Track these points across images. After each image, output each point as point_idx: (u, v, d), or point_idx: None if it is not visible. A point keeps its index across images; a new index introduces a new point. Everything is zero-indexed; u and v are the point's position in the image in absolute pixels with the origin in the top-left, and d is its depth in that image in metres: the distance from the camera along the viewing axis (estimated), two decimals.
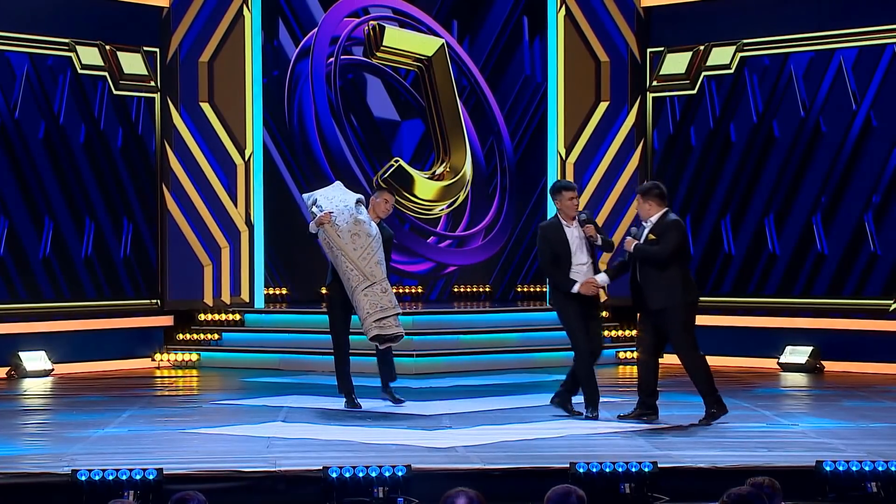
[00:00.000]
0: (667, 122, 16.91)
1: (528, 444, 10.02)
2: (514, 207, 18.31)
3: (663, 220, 10.97)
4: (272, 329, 16.39)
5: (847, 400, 12.90)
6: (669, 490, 8.65)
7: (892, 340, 15.02)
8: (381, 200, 12.28)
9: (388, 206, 12.34)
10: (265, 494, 8.63)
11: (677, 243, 10.91)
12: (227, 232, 16.58)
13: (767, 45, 16.08)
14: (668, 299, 10.84)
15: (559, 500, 5.62)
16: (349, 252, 11.85)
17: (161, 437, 10.46)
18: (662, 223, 10.96)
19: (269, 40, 17.35)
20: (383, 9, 18.02)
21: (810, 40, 15.73)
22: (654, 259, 10.87)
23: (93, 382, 14.52)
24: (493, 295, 18.29)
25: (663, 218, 10.99)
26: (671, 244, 10.86)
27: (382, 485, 8.49)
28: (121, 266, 16.11)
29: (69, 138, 15.70)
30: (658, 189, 11.09)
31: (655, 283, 10.88)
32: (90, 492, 8.34)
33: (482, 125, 18.35)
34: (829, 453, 9.16)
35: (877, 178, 15.32)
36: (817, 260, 15.69)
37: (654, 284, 10.89)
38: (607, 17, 17.02)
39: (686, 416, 11.50)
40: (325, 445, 9.93)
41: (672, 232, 10.90)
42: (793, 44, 15.87)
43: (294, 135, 17.58)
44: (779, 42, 15.99)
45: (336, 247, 11.93)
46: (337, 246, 11.92)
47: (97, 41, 15.93)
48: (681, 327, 10.90)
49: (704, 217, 16.52)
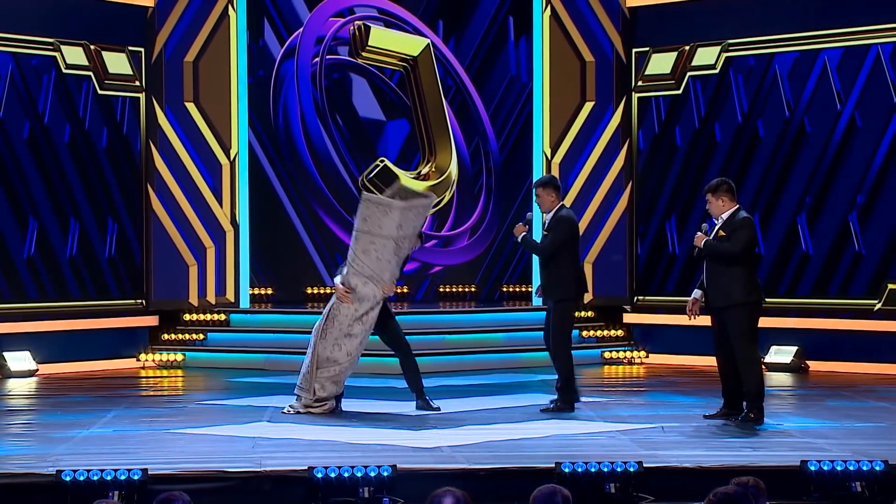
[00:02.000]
0: (652, 122, 16.92)
1: (514, 444, 10.03)
2: (499, 207, 18.31)
3: (734, 217, 10.94)
4: (257, 329, 16.37)
5: (832, 400, 12.92)
6: (655, 490, 8.66)
7: (876, 340, 15.05)
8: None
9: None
10: (250, 495, 8.62)
11: (748, 241, 10.89)
12: (212, 232, 16.56)
13: (752, 45, 16.10)
14: (730, 298, 10.82)
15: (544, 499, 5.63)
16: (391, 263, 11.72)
17: (146, 438, 10.45)
18: (734, 220, 10.93)
19: (255, 40, 17.33)
20: (369, 9, 18.01)
21: (795, 40, 15.76)
22: (724, 256, 10.84)
23: (78, 383, 14.49)
24: (478, 295, 18.29)
25: (734, 215, 10.96)
26: (742, 242, 10.83)
27: (368, 485, 8.49)
28: (105, 266, 16.08)
29: (54, 138, 15.67)
30: (727, 184, 11.06)
31: (720, 281, 10.86)
32: (75, 492, 8.33)
33: (468, 125, 18.35)
34: (813, 453, 9.18)
35: (861, 178, 15.35)
36: (802, 260, 15.72)
37: (718, 283, 10.87)
38: (593, 18, 17.03)
39: (672, 415, 11.52)
40: (310, 445, 9.92)
41: (744, 230, 10.87)
42: (778, 44, 15.90)
43: (279, 135, 17.57)
44: (764, 42, 16.01)
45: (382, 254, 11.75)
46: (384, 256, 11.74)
47: (82, 41, 15.90)
48: (741, 327, 10.84)
49: (689, 217, 16.53)
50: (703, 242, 10.93)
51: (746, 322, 10.86)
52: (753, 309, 10.95)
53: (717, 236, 10.93)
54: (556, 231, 11.61)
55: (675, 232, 16.69)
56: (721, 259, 10.86)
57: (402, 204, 11.67)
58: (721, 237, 10.91)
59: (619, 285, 17.04)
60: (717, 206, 11.01)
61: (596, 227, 16.95)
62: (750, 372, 10.90)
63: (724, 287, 10.84)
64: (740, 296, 10.81)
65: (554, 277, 11.66)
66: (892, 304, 15.07)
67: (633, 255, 17.04)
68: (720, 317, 10.94)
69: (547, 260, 11.69)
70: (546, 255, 11.61)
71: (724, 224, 10.96)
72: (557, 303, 11.68)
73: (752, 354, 10.94)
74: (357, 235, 11.71)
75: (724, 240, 10.88)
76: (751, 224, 10.99)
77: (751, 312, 10.91)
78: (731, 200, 11.01)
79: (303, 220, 17.71)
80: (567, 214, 11.76)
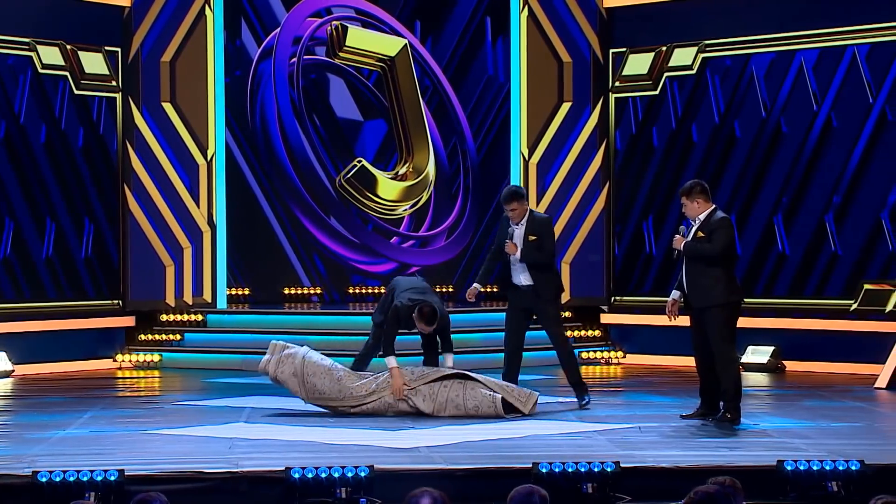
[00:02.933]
0: (629, 122, 16.95)
1: (491, 444, 10.03)
2: (476, 207, 18.32)
3: (711, 218, 10.96)
4: (234, 329, 16.34)
5: (808, 400, 12.96)
6: (632, 490, 8.67)
7: (852, 340, 15.09)
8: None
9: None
10: (227, 495, 8.61)
11: (727, 241, 10.91)
12: (189, 232, 16.53)
13: (729, 46, 16.14)
14: (711, 298, 10.83)
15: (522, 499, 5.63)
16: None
17: (122, 439, 10.42)
18: (711, 221, 10.94)
19: (232, 40, 17.31)
20: (346, 9, 18.00)
21: (771, 41, 15.80)
22: (705, 257, 10.84)
23: (54, 383, 14.44)
24: (456, 295, 18.29)
25: (711, 215, 10.98)
26: (722, 242, 10.84)
27: (345, 485, 8.48)
28: (82, 266, 16.04)
29: (30, 138, 15.61)
30: (700, 185, 11.07)
31: (700, 281, 10.88)
32: (51, 493, 8.30)
33: (445, 125, 18.36)
34: (790, 453, 9.20)
35: (837, 179, 15.40)
36: (778, 260, 15.76)
37: (699, 283, 10.88)
38: (570, 18, 17.05)
39: (649, 415, 11.54)
40: (287, 446, 9.91)
41: (722, 230, 10.88)
42: (754, 45, 15.94)
43: (256, 135, 17.54)
44: (740, 43, 16.05)
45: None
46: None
47: (58, 41, 15.85)
48: (720, 327, 10.85)
49: (666, 217, 16.56)
50: (683, 244, 10.94)
51: (726, 322, 10.89)
52: (733, 309, 10.98)
53: (696, 237, 10.94)
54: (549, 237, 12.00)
55: (653, 232, 16.72)
56: (701, 260, 10.87)
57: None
58: (700, 238, 10.92)
59: (597, 286, 17.06)
60: (692, 208, 11.03)
61: (573, 228, 16.97)
62: (728, 372, 10.92)
63: (705, 288, 10.85)
64: (721, 296, 10.84)
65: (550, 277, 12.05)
66: (868, 304, 15.11)
67: (611, 256, 17.07)
68: (699, 317, 10.95)
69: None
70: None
71: (701, 225, 10.97)
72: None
73: (730, 354, 10.96)
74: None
75: (703, 241, 10.89)
76: (729, 224, 11.01)
77: (731, 313, 10.94)
78: (706, 201, 11.03)
79: (280, 221, 17.69)
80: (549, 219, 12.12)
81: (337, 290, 17.80)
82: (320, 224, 17.71)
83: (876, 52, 15.11)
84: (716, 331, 10.84)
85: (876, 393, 13.55)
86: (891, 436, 11.19)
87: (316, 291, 17.83)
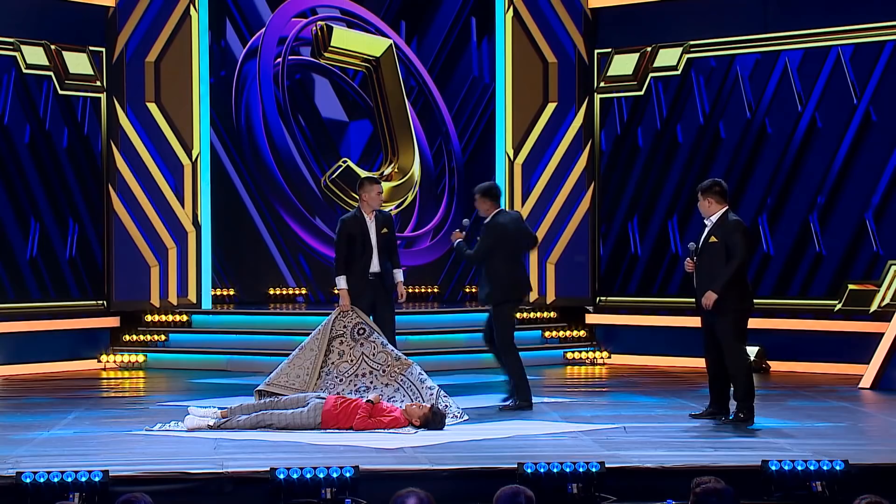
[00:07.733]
0: (614, 123, 16.96)
1: (477, 445, 10.03)
2: (462, 208, 18.31)
3: (725, 221, 10.95)
4: (219, 330, 16.32)
5: (792, 400, 12.98)
6: (617, 490, 8.67)
7: (837, 340, 15.13)
8: (374, 193, 12.19)
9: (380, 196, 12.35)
10: (212, 496, 8.60)
11: (745, 244, 10.91)
12: (173, 232, 16.50)
13: (714, 46, 16.17)
14: (726, 304, 10.84)
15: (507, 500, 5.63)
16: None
17: (107, 439, 10.40)
18: (724, 224, 10.93)
19: (217, 40, 17.29)
20: (331, 9, 18.00)
21: (756, 42, 15.83)
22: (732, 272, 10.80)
23: (38, 384, 14.42)
24: (441, 296, 18.29)
25: (724, 217, 10.97)
26: (741, 247, 10.85)
27: (330, 486, 8.47)
28: (66, 267, 16.00)
29: (14, 138, 15.58)
30: (718, 186, 11.05)
31: (710, 286, 10.88)
32: (35, 494, 8.28)
33: (430, 126, 18.36)
34: (774, 453, 9.21)
35: (822, 179, 15.43)
36: (763, 260, 15.79)
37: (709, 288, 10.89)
38: (555, 19, 17.06)
39: (634, 416, 11.55)
40: (272, 447, 9.90)
41: (737, 234, 10.85)
42: (739, 45, 15.97)
43: (241, 135, 17.53)
44: (725, 44, 16.08)
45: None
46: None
47: (42, 41, 15.82)
48: (732, 331, 10.87)
49: (652, 218, 16.59)
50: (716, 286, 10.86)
51: (738, 326, 10.95)
52: (745, 314, 11.04)
53: (709, 243, 10.94)
54: (483, 238, 11.98)
55: (638, 233, 16.73)
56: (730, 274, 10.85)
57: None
58: (713, 243, 10.92)
59: (582, 286, 17.07)
60: (705, 207, 11.05)
61: (558, 228, 16.98)
62: (740, 375, 10.96)
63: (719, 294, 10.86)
64: (734, 302, 10.88)
65: (485, 280, 12.01)
66: (852, 304, 15.15)
67: (596, 256, 17.08)
68: (711, 319, 10.98)
69: (480, 265, 12.04)
70: (474, 263, 11.89)
71: (714, 227, 10.98)
72: (495, 306, 11.97)
73: (742, 356, 11.02)
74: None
75: (715, 245, 10.88)
76: (743, 227, 11.02)
77: (741, 317, 10.99)
78: (718, 203, 11.02)
79: (265, 221, 17.68)
80: (494, 221, 12.00)
81: (322, 290, 17.79)
82: (305, 224, 17.70)
83: (860, 52, 15.14)
84: (728, 335, 10.88)
85: (860, 393, 13.58)
86: (875, 436, 11.22)
87: (301, 292, 17.82)
